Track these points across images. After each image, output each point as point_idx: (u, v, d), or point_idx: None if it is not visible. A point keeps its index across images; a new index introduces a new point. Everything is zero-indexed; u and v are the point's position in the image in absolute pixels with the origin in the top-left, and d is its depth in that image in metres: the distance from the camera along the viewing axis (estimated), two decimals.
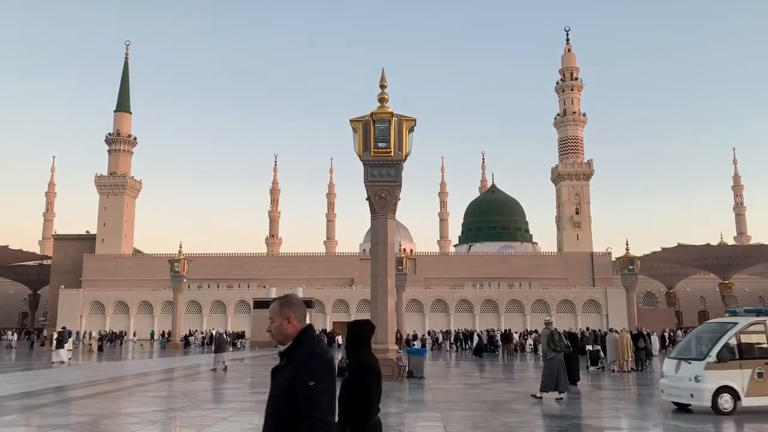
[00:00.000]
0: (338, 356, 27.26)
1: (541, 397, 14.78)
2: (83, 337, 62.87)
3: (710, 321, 15.78)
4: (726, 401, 12.22)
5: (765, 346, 12.86)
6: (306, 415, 2.89)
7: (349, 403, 4.16)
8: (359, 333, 4.55)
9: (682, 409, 13.06)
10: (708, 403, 12.29)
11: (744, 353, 12.65)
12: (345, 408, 4.14)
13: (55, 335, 31.42)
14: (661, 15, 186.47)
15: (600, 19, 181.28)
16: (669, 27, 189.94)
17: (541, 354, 20.66)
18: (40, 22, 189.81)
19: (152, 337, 69.57)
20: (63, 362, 29.46)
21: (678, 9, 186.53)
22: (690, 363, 12.88)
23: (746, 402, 12.29)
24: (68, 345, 31.40)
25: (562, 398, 14.76)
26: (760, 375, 12.38)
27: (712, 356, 12.46)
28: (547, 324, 16.43)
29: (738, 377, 12.33)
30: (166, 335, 57.16)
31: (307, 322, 3.24)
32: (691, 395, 12.58)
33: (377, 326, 21.61)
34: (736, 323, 13.12)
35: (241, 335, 58.03)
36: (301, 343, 3.09)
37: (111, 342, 61.55)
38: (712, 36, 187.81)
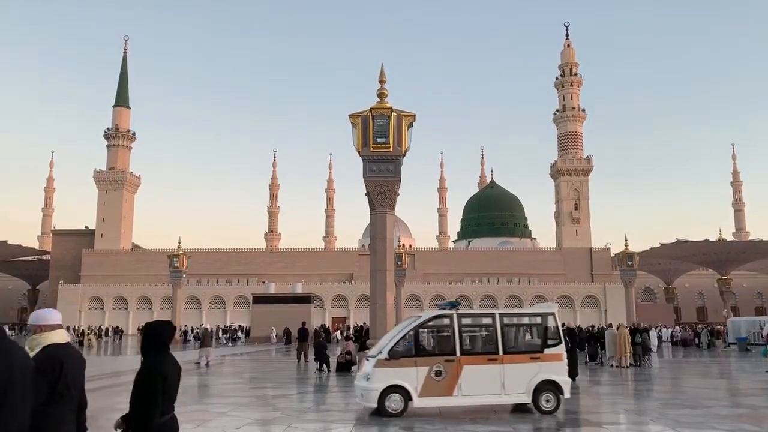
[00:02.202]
0: (337, 351, 27.34)
1: None
2: (70, 332, 62.78)
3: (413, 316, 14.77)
4: (395, 402, 11.08)
5: (448, 342, 11.56)
6: None
7: (133, 404, 4.21)
8: (155, 334, 4.38)
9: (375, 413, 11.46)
10: (374, 404, 11.17)
11: (422, 350, 11.57)
12: (132, 408, 4.23)
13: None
14: (661, 10, 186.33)
15: (600, 15, 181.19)
16: (668, 22, 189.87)
17: None
18: (38, 16, 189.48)
19: (139, 333, 69.59)
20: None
21: (677, 4, 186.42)
22: (368, 360, 11.81)
23: (419, 403, 11.13)
24: None
25: None
26: (438, 373, 11.16)
27: (384, 353, 11.37)
28: None
29: (412, 376, 11.13)
30: None
31: None
32: (362, 395, 11.54)
33: (376, 322, 21.69)
34: (420, 317, 12.03)
35: (240, 330, 58.10)
36: None
37: (99, 337, 61.26)
38: (711, 30, 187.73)
